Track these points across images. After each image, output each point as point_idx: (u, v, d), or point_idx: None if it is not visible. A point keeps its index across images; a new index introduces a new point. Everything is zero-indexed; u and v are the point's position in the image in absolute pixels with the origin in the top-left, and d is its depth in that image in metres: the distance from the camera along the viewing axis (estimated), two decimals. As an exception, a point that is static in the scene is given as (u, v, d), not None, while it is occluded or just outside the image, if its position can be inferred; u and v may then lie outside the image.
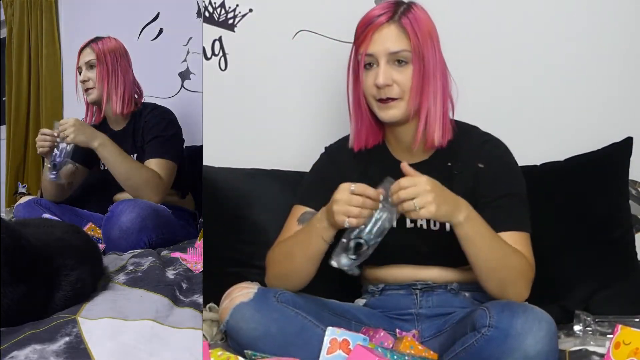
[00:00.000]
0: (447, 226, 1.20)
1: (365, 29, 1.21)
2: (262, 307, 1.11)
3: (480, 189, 1.21)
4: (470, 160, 1.24)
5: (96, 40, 2.05)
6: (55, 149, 1.85)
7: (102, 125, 2.10)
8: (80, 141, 1.83)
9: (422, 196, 1.03)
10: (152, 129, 1.98)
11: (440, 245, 1.22)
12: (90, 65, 2.03)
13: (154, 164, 1.93)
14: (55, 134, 1.84)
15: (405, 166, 1.09)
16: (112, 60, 2.02)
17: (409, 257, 1.27)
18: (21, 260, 1.09)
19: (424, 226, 1.25)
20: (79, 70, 2.07)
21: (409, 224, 1.26)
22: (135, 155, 2.01)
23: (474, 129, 1.30)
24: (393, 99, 1.20)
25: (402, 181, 1.05)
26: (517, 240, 1.17)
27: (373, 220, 1.07)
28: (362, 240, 1.07)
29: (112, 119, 2.09)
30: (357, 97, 1.27)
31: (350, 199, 1.06)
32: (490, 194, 1.20)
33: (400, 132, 1.27)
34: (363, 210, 1.06)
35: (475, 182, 1.22)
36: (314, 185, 1.33)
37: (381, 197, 1.07)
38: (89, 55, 2.03)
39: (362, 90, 1.25)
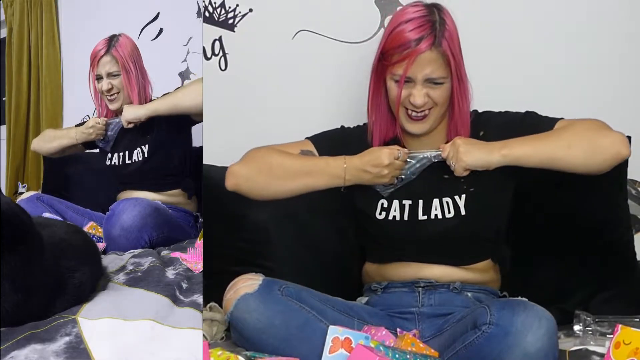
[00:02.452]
0: (462, 211, 1.25)
1: (402, 52, 1.19)
2: (266, 298, 1.12)
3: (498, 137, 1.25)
4: (473, 133, 1.29)
5: (112, 43, 2.00)
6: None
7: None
8: (131, 116, 1.97)
9: (454, 155, 1.20)
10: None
11: (449, 237, 1.25)
12: (114, 75, 2.01)
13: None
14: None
15: None
16: (133, 65, 2.01)
17: (416, 252, 1.29)
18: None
19: (439, 216, 1.27)
20: (98, 77, 2.03)
21: (421, 216, 1.28)
22: (147, 145, 2.02)
23: (474, 111, 1.34)
24: (425, 114, 1.25)
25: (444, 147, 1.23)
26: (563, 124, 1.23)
27: (414, 162, 1.25)
28: (402, 176, 1.26)
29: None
30: (376, 102, 1.31)
31: (398, 165, 1.23)
32: (510, 127, 1.26)
33: (422, 140, 1.31)
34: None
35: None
36: (334, 138, 1.38)
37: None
38: (111, 65, 1.99)
39: (386, 97, 1.28)
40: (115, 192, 2.10)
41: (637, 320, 1.20)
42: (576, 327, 1.18)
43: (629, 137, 1.41)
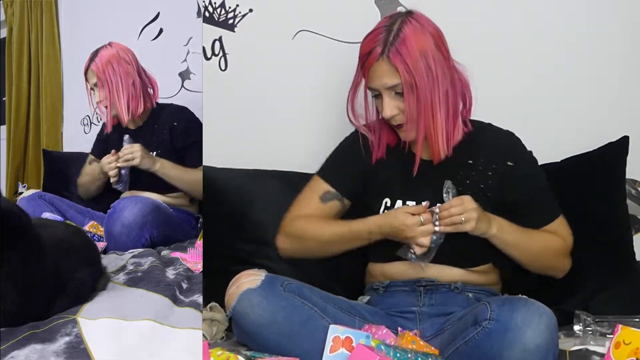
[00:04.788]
0: None
1: (363, 64, 1.25)
2: (269, 294, 1.13)
3: (512, 187, 1.29)
4: (493, 155, 1.31)
5: (94, 57, 2.05)
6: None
7: (119, 126, 2.12)
8: (144, 164, 1.94)
9: (468, 212, 1.17)
10: (188, 134, 2.03)
11: (451, 240, 1.24)
12: (99, 87, 2.04)
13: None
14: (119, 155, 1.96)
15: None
16: (110, 75, 2.02)
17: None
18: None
19: None
20: (92, 91, 2.08)
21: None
22: (155, 153, 2.02)
23: (489, 125, 1.36)
24: (401, 125, 1.27)
25: (453, 201, 1.19)
26: (555, 228, 1.31)
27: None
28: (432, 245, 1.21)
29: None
30: (372, 112, 1.35)
31: (423, 231, 1.19)
32: (522, 192, 1.30)
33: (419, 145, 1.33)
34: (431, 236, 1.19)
35: (504, 179, 1.30)
36: (340, 164, 1.40)
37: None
38: (93, 78, 2.04)
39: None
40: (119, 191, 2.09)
41: (637, 320, 1.20)
42: (576, 327, 1.18)
43: (628, 137, 1.42)
